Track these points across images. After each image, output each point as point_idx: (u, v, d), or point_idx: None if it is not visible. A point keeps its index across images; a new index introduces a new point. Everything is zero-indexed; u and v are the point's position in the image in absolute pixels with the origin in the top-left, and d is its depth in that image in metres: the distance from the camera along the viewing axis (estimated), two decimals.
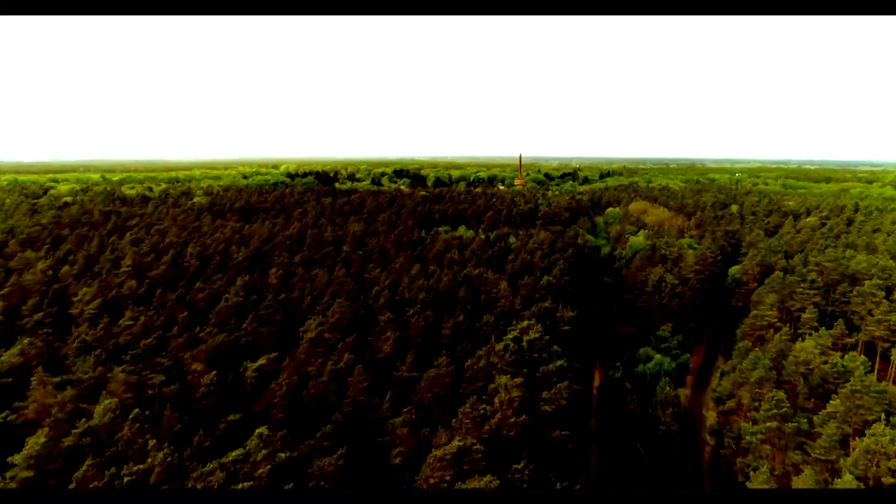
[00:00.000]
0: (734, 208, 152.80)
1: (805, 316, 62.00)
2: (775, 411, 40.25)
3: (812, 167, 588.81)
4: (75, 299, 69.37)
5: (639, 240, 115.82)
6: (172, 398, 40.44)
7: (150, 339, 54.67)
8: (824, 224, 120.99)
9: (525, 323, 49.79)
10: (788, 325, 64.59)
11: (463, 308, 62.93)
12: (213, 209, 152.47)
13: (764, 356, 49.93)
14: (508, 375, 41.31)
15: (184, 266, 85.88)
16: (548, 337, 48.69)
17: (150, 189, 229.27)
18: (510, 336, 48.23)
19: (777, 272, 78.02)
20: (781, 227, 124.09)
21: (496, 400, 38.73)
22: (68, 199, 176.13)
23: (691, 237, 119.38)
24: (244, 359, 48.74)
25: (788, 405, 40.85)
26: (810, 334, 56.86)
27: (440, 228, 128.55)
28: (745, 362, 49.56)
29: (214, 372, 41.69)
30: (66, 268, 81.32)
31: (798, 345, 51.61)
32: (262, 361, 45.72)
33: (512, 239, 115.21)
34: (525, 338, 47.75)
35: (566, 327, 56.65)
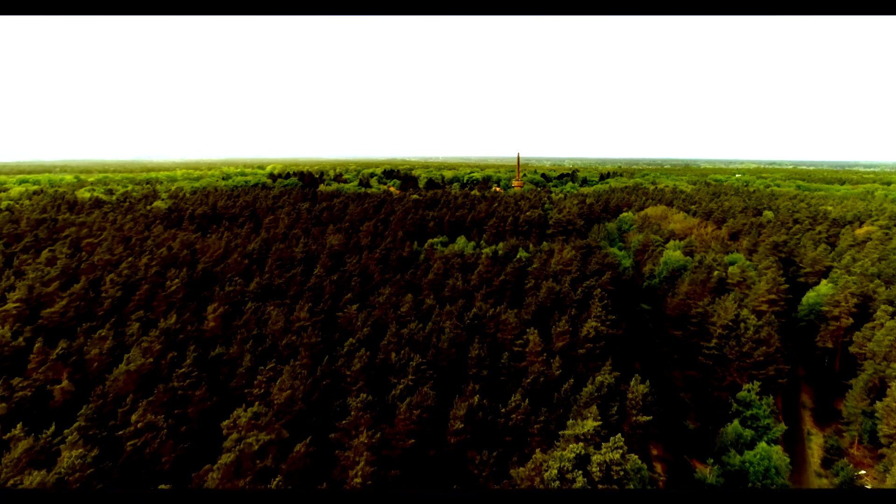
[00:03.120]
0: (769, 214, 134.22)
1: None
2: None
3: (806, 168, 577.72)
4: None
5: (674, 255, 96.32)
6: None
7: None
8: (888, 235, 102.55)
9: (589, 424, 29.63)
10: None
11: (477, 375, 42.59)
12: (170, 216, 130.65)
13: None
14: None
15: (98, 299, 64.65)
16: (635, 456, 28.63)
17: (111, 192, 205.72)
18: (569, 454, 28.11)
19: (886, 307, 58.79)
20: (837, 237, 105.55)
21: None
22: (5, 204, 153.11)
23: (736, 251, 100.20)
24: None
25: None
26: None
27: (435, 240, 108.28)
28: None
29: None
30: None
31: None
32: None
33: (522, 253, 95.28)
34: (596, 457, 27.70)
35: (643, 417, 36.63)
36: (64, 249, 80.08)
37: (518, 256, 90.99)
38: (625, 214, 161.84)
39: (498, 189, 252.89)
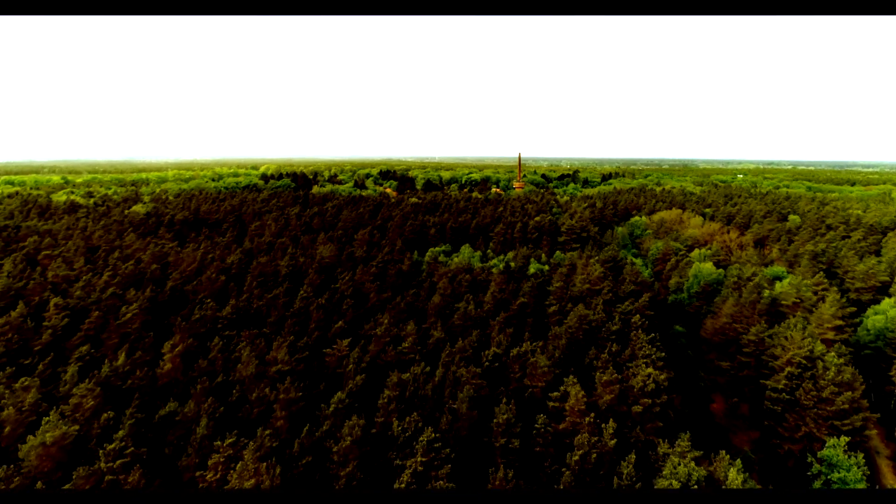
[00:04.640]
0: (795, 219, 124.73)
1: None
2: None
3: (806, 168, 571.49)
4: None
5: (706, 266, 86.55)
6: None
7: None
8: None
9: None
10: None
11: (505, 447, 32.24)
12: (147, 222, 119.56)
13: None
14: None
15: (39, 329, 53.86)
16: None
17: (91, 194, 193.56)
18: None
19: None
20: (879, 246, 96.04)
21: None
22: None
23: (772, 262, 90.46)
24: None
25: None
26: None
27: (437, 250, 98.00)
28: None
29: None
30: None
31: None
32: None
33: (535, 264, 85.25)
34: None
35: None
36: (8, 265, 69.12)
37: (532, 270, 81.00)
38: (636, 218, 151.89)
39: (498, 190, 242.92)
